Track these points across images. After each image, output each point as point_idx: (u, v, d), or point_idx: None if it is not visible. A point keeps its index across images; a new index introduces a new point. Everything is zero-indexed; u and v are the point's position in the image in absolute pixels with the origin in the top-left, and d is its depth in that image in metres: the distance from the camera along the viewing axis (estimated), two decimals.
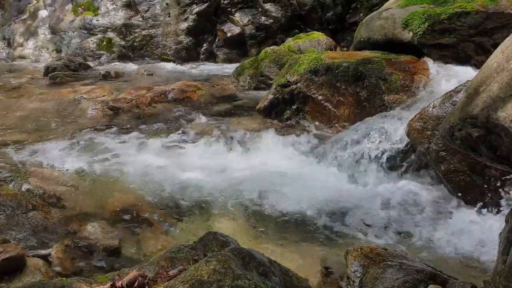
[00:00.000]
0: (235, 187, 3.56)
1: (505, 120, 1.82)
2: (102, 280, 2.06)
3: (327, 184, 3.64)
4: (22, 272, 2.42)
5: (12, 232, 2.84)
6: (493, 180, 3.10)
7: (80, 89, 6.23)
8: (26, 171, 3.65)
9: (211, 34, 8.42)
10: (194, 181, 3.66)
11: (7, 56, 9.12)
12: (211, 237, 2.34)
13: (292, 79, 4.86)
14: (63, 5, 8.98)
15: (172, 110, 5.46)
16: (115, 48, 8.41)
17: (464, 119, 2.11)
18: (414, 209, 3.25)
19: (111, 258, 2.76)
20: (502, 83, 1.93)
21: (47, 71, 7.21)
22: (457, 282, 2.00)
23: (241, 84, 6.31)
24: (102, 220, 3.12)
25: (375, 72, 4.45)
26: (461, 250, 2.80)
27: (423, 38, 4.52)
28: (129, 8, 8.49)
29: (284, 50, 6.22)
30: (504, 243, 1.90)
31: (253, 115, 5.15)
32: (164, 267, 2.05)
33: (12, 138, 4.54)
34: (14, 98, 6.12)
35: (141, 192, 3.50)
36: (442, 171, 3.33)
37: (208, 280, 1.70)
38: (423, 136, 3.45)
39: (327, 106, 4.65)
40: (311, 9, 8.25)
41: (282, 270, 2.08)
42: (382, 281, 2.05)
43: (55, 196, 3.35)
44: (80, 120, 5.18)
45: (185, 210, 3.30)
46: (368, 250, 2.25)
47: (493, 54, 2.19)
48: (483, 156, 2.13)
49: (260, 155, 4.13)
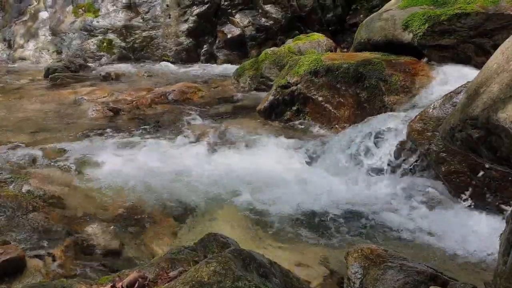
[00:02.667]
0: (235, 188, 3.56)
1: (506, 121, 1.82)
2: (103, 282, 2.06)
3: (327, 185, 3.64)
4: (22, 273, 2.42)
5: (13, 233, 2.84)
6: (494, 181, 3.10)
7: (81, 90, 6.24)
8: (26, 172, 3.65)
9: (211, 36, 8.43)
10: (194, 182, 3.66)
11: (8, 57, 9.13)
12: (211, 238, 2.34)
13: (292, 80, 4.86)
14: (63, 7, 9.00)
15: (172, 112, 5.46)
16: (116, 49, 8.42)
17: (464, 120, 2.11)
18: (414, 210, 3.26)
19: (112, 259, 2.75)
20: (502, 84, 1.93)
21: (47, 73, 7.22)
22: (457, 284, 2.00)
23: (241, 85, 6.31)
24: (103, 222, 3.12)
25: (375, 73, 4.45)
26: (461, 251, 2.80)
27: (423, 39, 4.53)
28: (130, 10, 8.50)
29: (284, 52, 6.22)
30: (504, 244, 1.90)
31: (254, 116, 5.15)
32: (164, 269, 2.05)
33: (13, 139, 4.54)
34: (14, 99, 6.13)
35: (141, 193, 3.50)
36: (442, 172, 3.33)
37: (208, 282, 1.70)
38: (423, 137, 3.45)
39: (327, 107, 4.65)
40: (311, 11, 8.26)
41: (283, 271, 2.08)
42: (383, 282, 2.05)
43: (56, 197, 3.35)
44: (81, 121, 5.18)
45: (185, 212, 3.30)
46: (369, 251, 2.25)
47: (493, 55, 2.19)
48: (483, 157, 2.13)
49: (260, 156, 4.13)
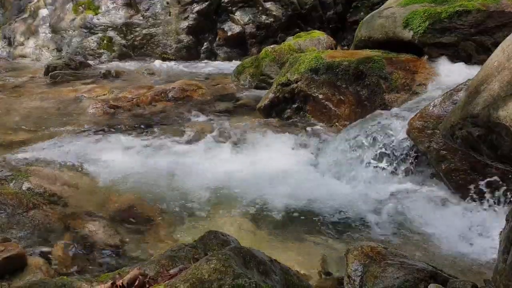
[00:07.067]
0: (235, 186, 3.56)
1: (506, 119, 1.82)
2: (103, 279, 2.06)
3: (328, 183, 3.65)
4: (23, 271, 2.42)
5: (13, 231, 2.85)
6: (494, 180, 3.09)
7: (81, 88, 6.23)
8: (26, 170, 3.65)
9: (211, 33, 8.41)
10: (194, 180, 3.66)
11: (8, 55, 9.12)
12: (212, 236, 2.35)
13: (293, 78, 4.86)
14: (63, 4, 8.98)
15: (172, 109, 5.46)
16: (116, 47, 8.41)
17: (465, 118, 2.11)
18: (414, 208, 3.26)
19: (112, 257, 2.76)
20: (503, 82, 1.93)
21: (47, 70, 7.21)
22: (457, 281, 2.00)
23: (242, 83, 6.31)
24: (103, 219, 3.12)
25: (376, 71, 4.45)
26: (461, 249, 2.80)
27: (423, 37, 4.52)
28: (130, 7, 8.49)
29: (285, 49, 6.22)
30: (504, 242, 1.90)
31: (254, 114, 5.15)
32: (164, 266, 2.06)
33: (13, 137, 4.54)
34: (14, 97, 6.13)
35: (142, 191, 3.50)
36: (442, 170, 3.33)
37: (208, 279, 1.70)
38: (423, 135, 3.45)
39: (328, 105, 4.65)
40: (312, 8, 8.24)
41: (283, 268, 2.08)
42: (383, 280, 2.05)
43: (56, 195, 3.35)
44: (81, 119, 5.18)
45: (186, 209, 3.30)
46: (369, 249, 2.25)
47: (494, 53, 2.19)
48: (484, 155, 2.13)
49: (260, 154, 4.13)
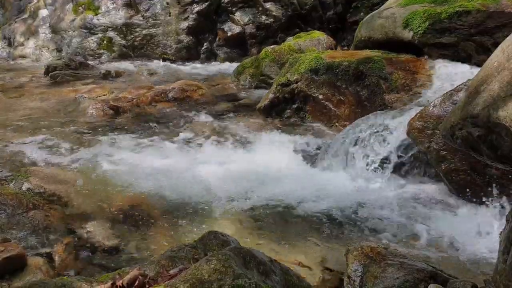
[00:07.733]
0: (235, 186, 3.56)
1: (506, 119, 1.82)
2: (103, 279, 2.06)
3: (328, 183, 3.64)
4: (23, 271, 2.42)
5: (13, 231, 2.84)
6: (494, 180, 3.09)
7: (81, 89, 6.23)
8: (26, 170, 3.65)
9: (211, 33, 8.41)
10: (194, 180, 3.66)
11: (8, 55, 9.12)
12: (212, 236, 2.35)
13: (293, 78, 4.86)
14: (63, 5, 8.98)
15: (172, 110, 5.46)
16: (116, 47, 8.41)
17: (465, 118, 2.11)
18: (414, 208, 3.26)
19: (112, 257, 2.76)
20: (502, 82, 1.93)
21: (47, 71, 7.21)
22: (457, 281, 2.00)
23: (242, 83, 6.31)
24: (103, 219, 3.12)
25: (376, 71, 4.45)
26: (461, 249, 2.80)
27: (423, 37, 4.52)
28: (130, 8, 8.49)
29: (285, 49, 6.22)
30: (504, 243, 1.90)
31: (254, 114, 5.16)
32: (164, 266, 2.06)
33: (13, 137, 4.54)
34: (14, 97, 6.13)
35: (142, 191, 3.50)
36: (442, 170, 3.33)
37: (208, 279, 1.70)
38: (423, 135, 3.45)
39: (328, 106, 4.65)
40: (312, 8, 8.24)
41: (283, 269, 2.08)
42: (383, 280, 2.06)
43: (56, 195, 3.34)
44: (81, 119, 5.18)
45: (186, 209, 3.30)
46: (369, 249, 2.25)
47: (494, 53, 2.19)
48: (484, 155, 2.13)
49: (260, 154, 4.13)
